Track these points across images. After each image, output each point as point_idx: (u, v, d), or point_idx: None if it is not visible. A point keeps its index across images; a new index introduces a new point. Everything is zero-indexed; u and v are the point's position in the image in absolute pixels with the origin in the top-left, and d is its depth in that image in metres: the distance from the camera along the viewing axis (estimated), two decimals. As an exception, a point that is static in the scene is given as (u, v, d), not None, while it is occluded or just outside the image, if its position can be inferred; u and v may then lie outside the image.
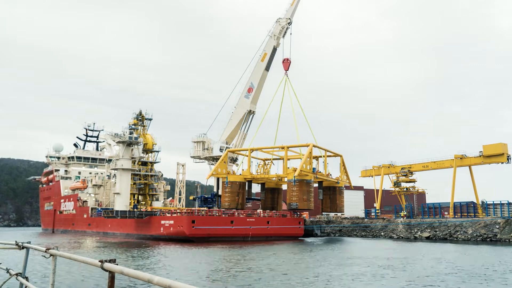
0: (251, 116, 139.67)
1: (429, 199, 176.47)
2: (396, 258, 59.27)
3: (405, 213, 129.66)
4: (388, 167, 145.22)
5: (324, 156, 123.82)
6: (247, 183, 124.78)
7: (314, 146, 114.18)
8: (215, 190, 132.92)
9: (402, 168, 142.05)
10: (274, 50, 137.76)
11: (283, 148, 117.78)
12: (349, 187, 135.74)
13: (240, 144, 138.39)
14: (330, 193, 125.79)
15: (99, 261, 8.61)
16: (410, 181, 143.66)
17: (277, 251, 72.84)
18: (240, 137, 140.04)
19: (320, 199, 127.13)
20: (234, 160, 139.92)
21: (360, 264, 52.74)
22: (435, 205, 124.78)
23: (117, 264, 8.34)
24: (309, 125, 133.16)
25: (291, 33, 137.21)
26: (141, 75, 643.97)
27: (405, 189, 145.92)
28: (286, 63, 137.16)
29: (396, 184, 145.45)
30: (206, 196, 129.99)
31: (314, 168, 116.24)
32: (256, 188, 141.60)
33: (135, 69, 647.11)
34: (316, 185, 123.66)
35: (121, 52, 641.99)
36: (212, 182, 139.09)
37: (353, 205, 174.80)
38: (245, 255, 65.01)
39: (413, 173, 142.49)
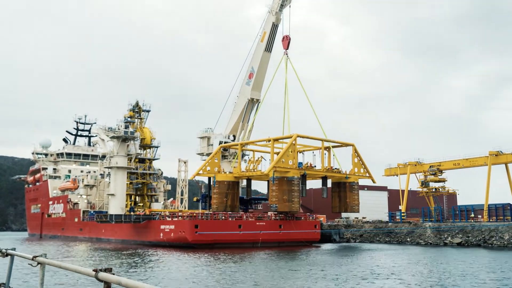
0: (256, 105, 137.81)
1: (461, 201, 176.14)
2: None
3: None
4: (415, 165, 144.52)
5: (317, 148, 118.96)
6: (246, 181, 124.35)
7: (299, 136, 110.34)
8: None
9: (430, 166, 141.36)
10: (274, 27, 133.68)
11: (269, 141, 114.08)
12: (371, 185, 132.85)
13: (247, 138, 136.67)
14: (340, 191, 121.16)
15: (93, 270, 8.62)
16: (439, 181, 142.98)
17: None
18: (246, 130, 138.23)
19: (324, 198, 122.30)
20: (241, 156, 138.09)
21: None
22: (467, 208, 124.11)
23: (114, 274, 8.36)
24: (315, 112, 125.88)
25: (290, 6, 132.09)
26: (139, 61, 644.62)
27: (433, 190, 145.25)
28: (285, 41, 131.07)
29: (424, 184, 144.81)
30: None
31: (300, 163, 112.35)
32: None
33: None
34: (323, 182, 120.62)
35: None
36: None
37: (375, 208, 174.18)
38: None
39: (443, 171, 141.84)
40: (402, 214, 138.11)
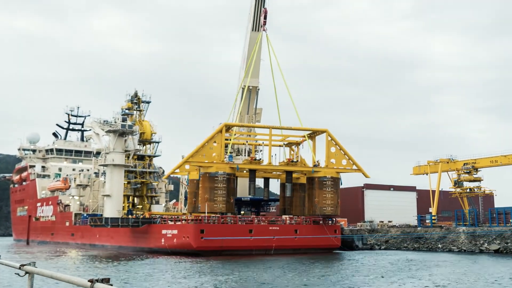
0: (256, 94, 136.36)
1: (499, 203, 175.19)
2: None
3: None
4: (447, 162, 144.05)
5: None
6: (263, 180, 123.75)
7: (227, 124, 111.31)
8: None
9: (464, 164, 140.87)
10: (259, 2, 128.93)
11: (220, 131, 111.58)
12: (398, 185, 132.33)
13: (252, 129, 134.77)
14: (309, 188, 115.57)
15: (89, 281, 8.55)
16: (474, 180, 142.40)
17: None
18: (249, 121, 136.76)
19: (288, 197, 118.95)
20: (246, 153, 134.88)
21: None
22: (506, 210, 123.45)
23: (112, 285, 8.29)
24: (292, 99, 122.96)
25: None
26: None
27: (468, 190, 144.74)
28: (262, 15, 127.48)
29: (457, 183, 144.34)
30: None
31: (230, 156, 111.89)
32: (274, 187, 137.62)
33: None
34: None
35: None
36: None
37: (403, 210, 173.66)
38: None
39: (479, 170, 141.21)
40: (433, 218, 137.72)
